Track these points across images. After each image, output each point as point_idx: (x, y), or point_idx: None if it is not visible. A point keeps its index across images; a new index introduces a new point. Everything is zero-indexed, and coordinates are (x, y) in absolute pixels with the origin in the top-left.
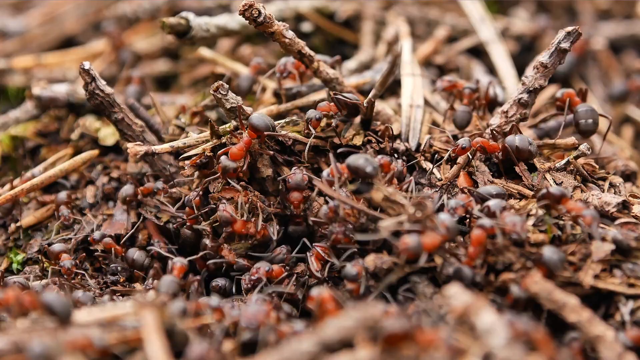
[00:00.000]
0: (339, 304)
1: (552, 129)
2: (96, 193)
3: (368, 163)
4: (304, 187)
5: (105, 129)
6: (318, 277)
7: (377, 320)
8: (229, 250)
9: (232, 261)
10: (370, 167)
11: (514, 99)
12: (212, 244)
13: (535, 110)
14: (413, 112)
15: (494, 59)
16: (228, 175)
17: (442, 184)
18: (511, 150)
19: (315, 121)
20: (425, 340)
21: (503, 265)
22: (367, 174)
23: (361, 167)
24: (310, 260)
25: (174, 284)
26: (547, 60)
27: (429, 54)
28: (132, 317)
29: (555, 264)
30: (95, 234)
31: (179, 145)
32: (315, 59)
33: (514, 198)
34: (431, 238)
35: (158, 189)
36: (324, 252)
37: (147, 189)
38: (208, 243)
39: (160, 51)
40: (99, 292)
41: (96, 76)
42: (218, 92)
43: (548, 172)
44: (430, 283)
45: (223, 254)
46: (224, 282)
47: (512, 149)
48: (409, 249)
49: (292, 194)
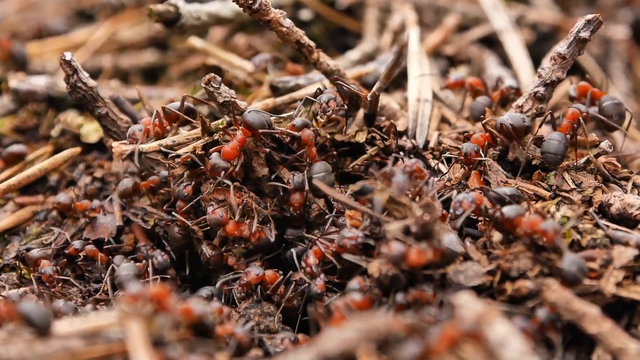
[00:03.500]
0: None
1: None
2: (78, 194)
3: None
4: (304, 188)
5: (88, 125)
6: (311, 272)
7: (381, 331)
8: (239, 262)
9: (250, 278)
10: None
11: (529, 92)
12: (214, 252)
13: (552, 105)
14: (421, 107)
15: (508, 49)
16: (216, 173)
17: (451, 185)
18: (507, 130)
19: (325, 105)
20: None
21: (518, 272)
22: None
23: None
24: (307, 253)
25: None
26: (566, 51)
27: (438, 44)
28: (116, 328)
29: (575, 276)
30: (75, 243)
31: (168, 143)
32: (315, 50)
33: (530, 199)
34: (418, 256)
35: (166, 178)
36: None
37: (150, 182)
38: (208, 251)
39: (148, 41)
40: (82, 301)
41: (78, 68)
42: (210, 85)
43: (566, 172)
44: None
45: (229, 263)
46: (209, 292)
47: (507, 129)
48: (390, 256)
49: (293, 196)
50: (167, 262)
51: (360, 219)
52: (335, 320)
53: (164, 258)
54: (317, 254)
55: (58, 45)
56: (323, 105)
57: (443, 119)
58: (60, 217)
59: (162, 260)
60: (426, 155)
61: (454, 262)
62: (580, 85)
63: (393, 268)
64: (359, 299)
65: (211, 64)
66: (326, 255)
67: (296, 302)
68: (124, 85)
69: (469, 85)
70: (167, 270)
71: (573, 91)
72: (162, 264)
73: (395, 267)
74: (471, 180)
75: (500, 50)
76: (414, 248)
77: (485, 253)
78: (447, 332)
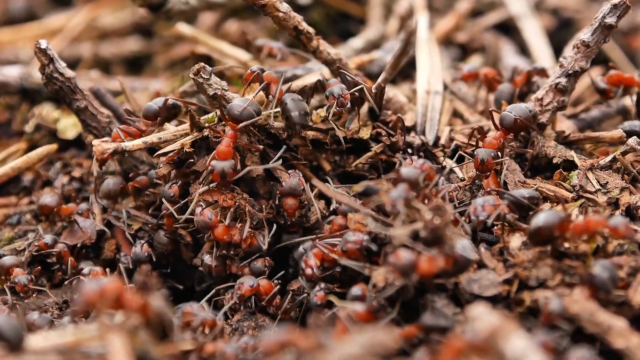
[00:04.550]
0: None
1: (595, 119)
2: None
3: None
4: (299, 192)
5: (65, 120)
6: (311, 274)
7: (386, 346)
8: (240, 266)
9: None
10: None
11: (550, 84)
12: (217, 263)
13: (575, 97)
14: (430, 100)
15: (527, 36)
16: (230, 177)
17: (464, 185)
18: (513, 124)
19: (341, 98)
20: None
21: (537, 281)
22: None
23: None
24: (308, 254)
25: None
26: (590, 38)
27: (450, 31)
28: (97, 342)
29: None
30: (46, 237)
31: (154, 141)
32: (314, 37)
33: (550, 201)
34: (429, 265)
35: (153, 178)
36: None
37: (138, 183)
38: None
39: (131, 27)
40: (58, 312)
41: (55, 57)
42: (199, 76)
43: (590, 171)
44: (450, 302)
45: (232, 271)
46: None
47: (510, 122)
48: (398, 266)
49: (286, 200)
50: (143, 255)
51: (364, 222)
52: (338, 334)
53: (142, 249)
54: (318, 256)
55: (32, 31)
56: (339, 99)
57: (455, 113)
58: (35, 221)
59: (139, 251)
60: (436, 153)
61: (467, 270)
62: (612, 74)
63: (400, 277)
64: (362, 310)
65: (201, 52)
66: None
67: (294, 314)
68: (105, 76)
69: (484, 77)
70: (142, 263)
71: (602, 82)
72: (138, 255)
73: (403, 277)
74: (486, 181)
75: (517, 37)
76: (425, 256)
77: (502, 260)
78: (453, 345)
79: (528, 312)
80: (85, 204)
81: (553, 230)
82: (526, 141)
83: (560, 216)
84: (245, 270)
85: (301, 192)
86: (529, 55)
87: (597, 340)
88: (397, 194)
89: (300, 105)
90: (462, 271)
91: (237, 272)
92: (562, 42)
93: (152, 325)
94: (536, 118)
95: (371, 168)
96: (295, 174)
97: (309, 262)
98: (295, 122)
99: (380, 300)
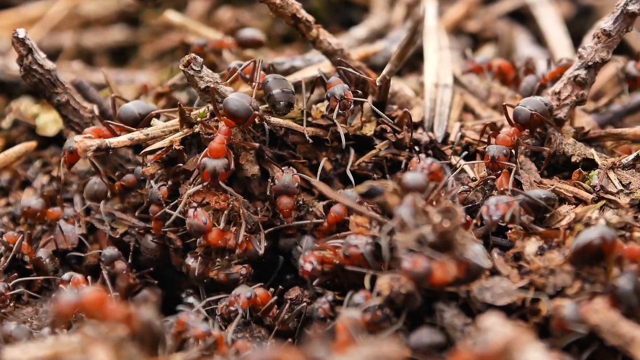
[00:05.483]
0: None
1: (616, 114)
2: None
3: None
4: (294, 190)
5: (45, 115)
6: (312, 269)
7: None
8: (217, 270)
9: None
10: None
11: (568, 76)
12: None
13: (595, 91)
14: (439, 93)
15: (543, 25)
16: (221, 178)
17: (476, 185)
18: (529, 119)
19: (344, 99)
20: None
21: (554, 289)
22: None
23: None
24: (306, 252)
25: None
26: (611, 27)
27: (460, 19)
28: (79, 355)
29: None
30: None
31: (140, 137)
32: (313, 26)
33: (569, 203)
34: (443, 273)
35: (139, 176)
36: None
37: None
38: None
39: (116, 15)
40: (37, 323)
41: (33, 47)
42: (190, 68)
43: (611, 170)
44: (460, 312)
45: (211, 275)
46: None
47: (526, 117)
48: (413, 273)
49: (281, 200)
50: (115, 253)
51: (368, 225)
52: (341, 345)
53: (114, 249)
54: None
55: (10, 20)
56: (341, 100)
57: (466, 107)
58: (13, 224)
59: (111, 253)
60: (445, 151)
61: (479, 277)
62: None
63: (407, 285)
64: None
65: (191, 42)
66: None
67: (291, 324)
68: (87, 68)
69: (497, 69)
70: (115, 263)
71: (634, 69)
72: (109, 256)
73: (415, 285)
74: (499, 181)
75: (533, 26)
76: (438, 263)
77: (516, 267)
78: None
79: (545, 322)
80: (72, 210)
81: (602, 248)
82: (542, 138)
83: (612, 234)
84: (220, 275)
85: (296, 190)
86: (545, 45)
87: (618, 353)
88: (406, 210)
89: (282, 83)
90: (474, 279)
91: (221, 280)
92: (581, 31)
93: (140, 336)
94: (552, 112)
95: (375, 167)
96: (289, 170)
97: (307, 257)
98: (277, 99)
99: (385, 310)
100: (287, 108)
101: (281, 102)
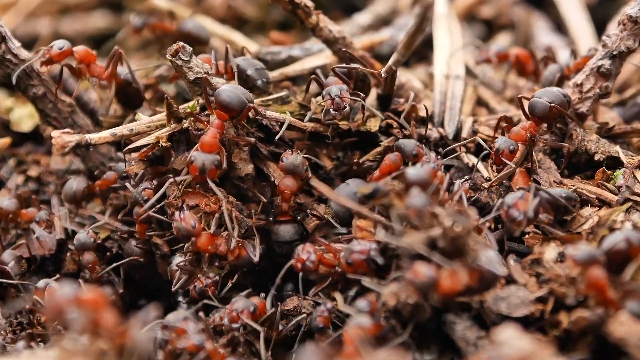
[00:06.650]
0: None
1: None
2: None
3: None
4: (302, 172)
5: (19, 109)
6: (307, 258)
7: None
8: (204, 278)
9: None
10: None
11: (591, 66)
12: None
13: (620, 83)
14: (450, 86)
15: (563, 11)
16: (210, 175)
17: (490, 186)
18: (548, 113)
19: (339, 100)
20: None
21: (576, 299)
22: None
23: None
24: (302, 245)
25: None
26: (638, 13)
27: (472, 4)
28: None
29: None
30: None
31: (124, 133)
32: (313, 12)
33: (591, 205)
34: (453, 282)
35: (122, 173)
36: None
37: (105, 181)
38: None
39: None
40: (12, 336)
41: (7, 35)
42: (178, 58)
43: (638, 169)
44: (473, 324)
45: (197, 284)
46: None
47: (544, 110)
48: (417, 283)
49: (284, 180)
50: (90, 241)
51: (372, 230)
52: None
53: (88, 234)
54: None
55: None
56: (336, 100)
57: (479, 101)
58: None
59: (84, 237)
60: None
61: (494, 286)
62: None
63: (415, 295)
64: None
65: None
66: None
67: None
68: None
69: (514, 58)
70: (88, 251)
71: None
72: (83, 243)
73: (422, 296)
74: (515, 179)
75: (552, 12)
76: (447, 271)
77: (534, 274)
78: None
79: (565, 336)
80: (45, 212)
81: (629, 253)
82: (563, 134)
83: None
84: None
85: (303, 173)
86: (565, 33)
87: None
88: (420, 201)
89: (252, 62)
90: (488, 288)
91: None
92: (606, 17)
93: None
94: (570, 104)
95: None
96: (298, 153)
97: (306, 247)
98: (255, 78)
99: (390, 321)
100: (267, 85)
101: (258, 80)
